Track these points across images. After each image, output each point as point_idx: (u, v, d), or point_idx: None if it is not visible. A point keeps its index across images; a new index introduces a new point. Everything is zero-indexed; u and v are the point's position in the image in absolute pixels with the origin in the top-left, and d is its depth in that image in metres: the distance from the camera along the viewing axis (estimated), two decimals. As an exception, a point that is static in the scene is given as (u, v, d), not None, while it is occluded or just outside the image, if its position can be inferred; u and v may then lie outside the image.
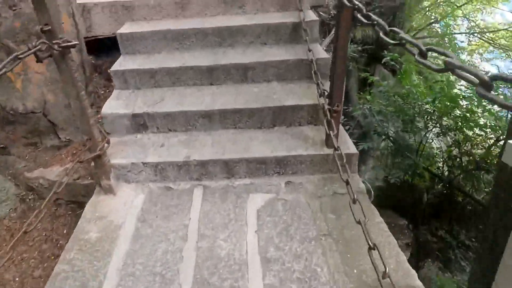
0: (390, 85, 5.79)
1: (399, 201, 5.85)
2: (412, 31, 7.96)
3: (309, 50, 2.58)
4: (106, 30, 3.16)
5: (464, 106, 4.43)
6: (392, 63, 7.10)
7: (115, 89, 2.79)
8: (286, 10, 3.13)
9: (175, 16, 3.14)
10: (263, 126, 2.56)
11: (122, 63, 2.81)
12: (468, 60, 7.53)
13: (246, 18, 3.05)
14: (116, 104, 2.59)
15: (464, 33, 7.59)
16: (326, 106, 2.12)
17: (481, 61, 8.10)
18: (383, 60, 5.58)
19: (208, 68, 2.72)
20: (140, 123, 2.54)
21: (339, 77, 2.12)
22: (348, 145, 2.36)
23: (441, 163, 5.51)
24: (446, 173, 5.38)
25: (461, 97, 4.39)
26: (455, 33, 7.28)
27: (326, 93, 2.26)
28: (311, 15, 2.97)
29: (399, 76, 5.25)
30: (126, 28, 2.98)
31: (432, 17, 7.21)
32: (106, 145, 2.15)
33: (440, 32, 7.24)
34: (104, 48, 3.30)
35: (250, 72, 2.73)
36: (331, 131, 2.11)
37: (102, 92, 3.13)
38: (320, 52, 2.76)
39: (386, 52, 8.11)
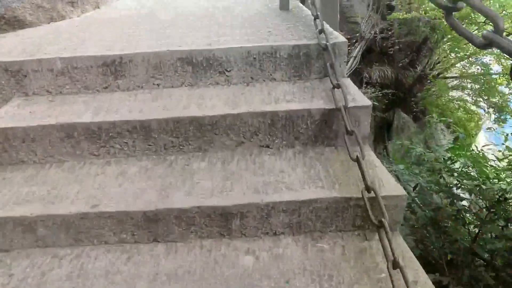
0: (430, 154, 4.34)
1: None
2: (436, 68, 6.71)
3: (368, 189, 1.16)
4: (-23, 113, 1.73)
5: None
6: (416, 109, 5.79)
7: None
8: (305, 78, 1.73)
9: (103, 87, 1.73)
10: None
11: (-28, 197, 1.37)
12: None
13: (231, 95, 1.64)
14: None
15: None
16: None
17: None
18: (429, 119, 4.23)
19: (147, 216, 1.28)
20: None
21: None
22: None
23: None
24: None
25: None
26: (493, 74, 5.99)
27: None
28: (355, 94, 1.57)
29: (456, 146, 3.86)
30: (-1, 116, 1.55)
31: (466, 54, 5.94)
32: None
33: (478, 72, 5.96)
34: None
35: (237, 220, 1.30)
36: None
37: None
38: (385, 177, 1.33)
39: (409, 95, 6.79)
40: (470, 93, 6.34)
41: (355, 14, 6.73)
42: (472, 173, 3.62)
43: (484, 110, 6.47)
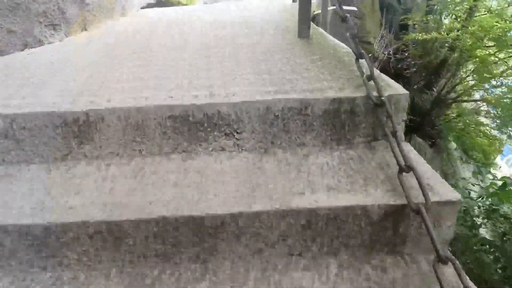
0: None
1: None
2: (456, 91, 6.23)
3: None
4: None
5: None
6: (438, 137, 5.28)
7: None
8: (347, 142, 1.23)
9: (62, 155, 1.22)
10: None
11: None
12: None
13: (243, 170, 1.13)
14: None
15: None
16: None
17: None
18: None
19: None
20: None
21: None
22: None
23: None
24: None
25: None
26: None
27: None
28: (431, 177, 1.06)
29: (498, 192, 3.34)
30: None
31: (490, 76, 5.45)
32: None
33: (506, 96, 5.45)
34: None
35: None
36: None
37: None
38: None
39: (427, 120, 6.30)
40: (494, 117, 5.86)
41: (367, 34, 6.30)
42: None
43: (509, 136, 5.99)
